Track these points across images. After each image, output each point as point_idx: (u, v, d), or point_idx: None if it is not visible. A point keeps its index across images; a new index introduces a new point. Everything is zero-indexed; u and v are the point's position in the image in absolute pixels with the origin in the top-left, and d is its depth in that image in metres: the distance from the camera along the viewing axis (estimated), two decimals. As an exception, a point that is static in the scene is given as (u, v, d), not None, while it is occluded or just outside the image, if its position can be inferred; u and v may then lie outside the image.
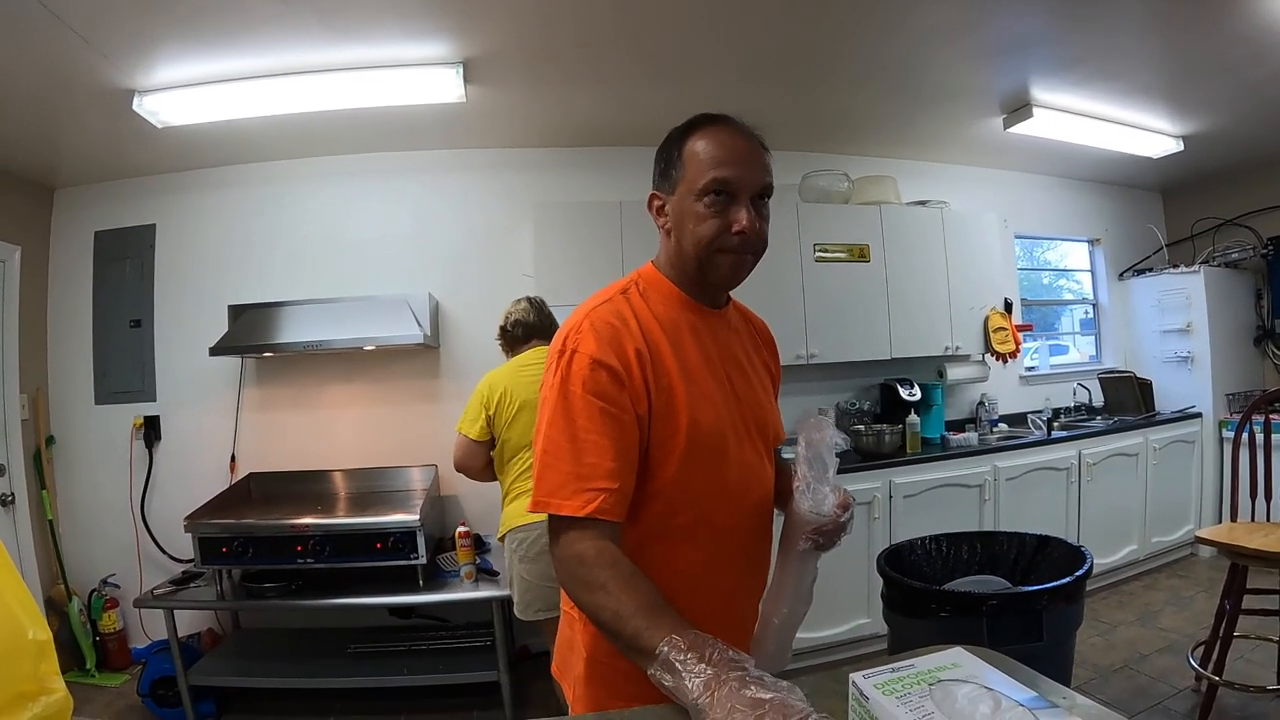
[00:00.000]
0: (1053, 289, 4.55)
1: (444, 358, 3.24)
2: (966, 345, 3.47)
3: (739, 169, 0.91)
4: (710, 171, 0.91)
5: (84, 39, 2.13)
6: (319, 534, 2.60)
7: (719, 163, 0.91)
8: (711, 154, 0.91)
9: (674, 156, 0.96)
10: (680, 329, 0.96)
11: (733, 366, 1.01)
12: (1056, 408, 3.95)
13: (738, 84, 2.80)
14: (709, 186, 0.91)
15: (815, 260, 3.15)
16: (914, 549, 2.24)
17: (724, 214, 0.91)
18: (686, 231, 0.94)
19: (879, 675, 0.70)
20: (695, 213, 0.92)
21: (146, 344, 3.26)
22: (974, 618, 1.77)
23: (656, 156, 1.00)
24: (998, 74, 2.88)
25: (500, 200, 3.27)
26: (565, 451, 0.85)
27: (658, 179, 1.00)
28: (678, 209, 0.95)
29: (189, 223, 3.27)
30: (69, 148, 2.97)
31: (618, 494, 0.84)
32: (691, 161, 0.93)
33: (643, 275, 1.02)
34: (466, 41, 2.35)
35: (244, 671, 2.73)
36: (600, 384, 0.86)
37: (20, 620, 0.65)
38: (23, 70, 2.28)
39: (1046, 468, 3.36)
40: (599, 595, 0.79)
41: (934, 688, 0.68)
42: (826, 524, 0.97)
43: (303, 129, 2.90)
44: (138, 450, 3.23)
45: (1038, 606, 1.75)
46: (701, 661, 0.67)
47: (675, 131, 0.98)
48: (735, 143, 0.93)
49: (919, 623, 1.90)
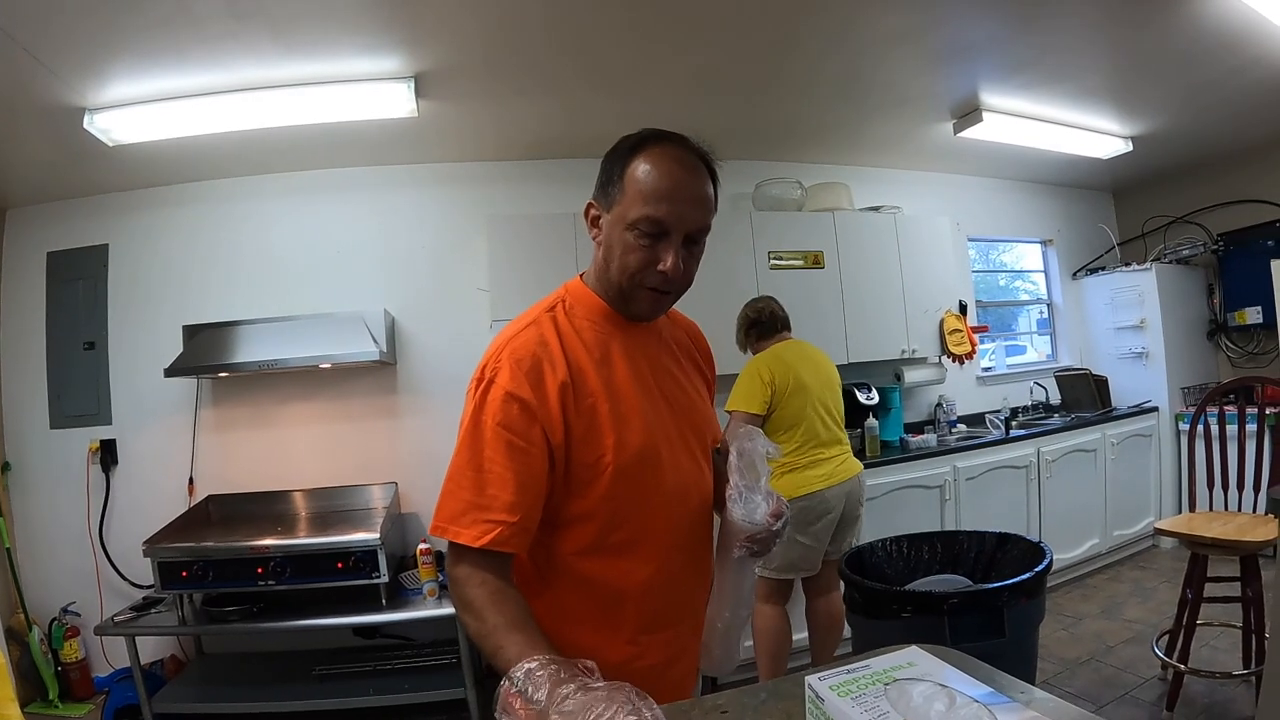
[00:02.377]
0: (1009, 290, 4.64)
1: (401, 374, 3.23)
2: (923, 348, 3.52)
3: (674, 208, 0.89)
4: (644, 207, 0.88)
5: (32, 55, 2.09)
6: (279, 555, 2.58)
7: (656, 198, 0.88)
8: (651, 186, 0.88)
9: (615, 174, 0.92)
10: (608, 347, 0.96)
11: (664, 377, 1.02)
12: (1015, 407, 4.01)
13: (687, 93, 2.83)
14: (639, 223, 0.89)
15: (770, 268, 3.18)
16: (875, 551, 2.29)
17: (653, 249, 0.90)
18: (614, 256, 0.93)
19: (834, 677, 0.71)
20: (624, 241, 0.91)
21: (101, 366, 3.21)
22: (936, 617, 1.81)
23: (603, 163, 0.97)
24: (947, 80, 2.94)
25: (454, 214, 3.27)
26: (469, 481, 0.86)
27: (598, 190, 0.97)
28: (609, 231, 0.94)
29: (142, 242, 3.23)
30: (19, 166, 2.92)
31: (515, 527, 0.85)
32: (630, 187, 0.90)
33: (570, 291, 1.01)
34: (418, 56, 2.36)
35: (209, 697, 2.70)
36: (511, 417, 0.86)
37: None
38: None
39: (1006, 466, 3.42)
40: (467, 614, 0.82)
41: (889, 687, 0.68)
42: (759, 532, 0.97)
43: (256, 145, 2.88)
44: (95, 475, 3.18)
45: (998, 603, 1.79)
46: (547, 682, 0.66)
47: (624, 144, 0.95)
48: (677, 176, 0.90)
49: (882, 624, 1.94)
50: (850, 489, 2.50)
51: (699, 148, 0.95)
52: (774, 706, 0.80)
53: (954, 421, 3.68)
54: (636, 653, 0.97)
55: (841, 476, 2.48)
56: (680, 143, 0.93)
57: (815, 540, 2.45)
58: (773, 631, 2.54)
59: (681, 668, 1.04)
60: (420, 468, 3.10)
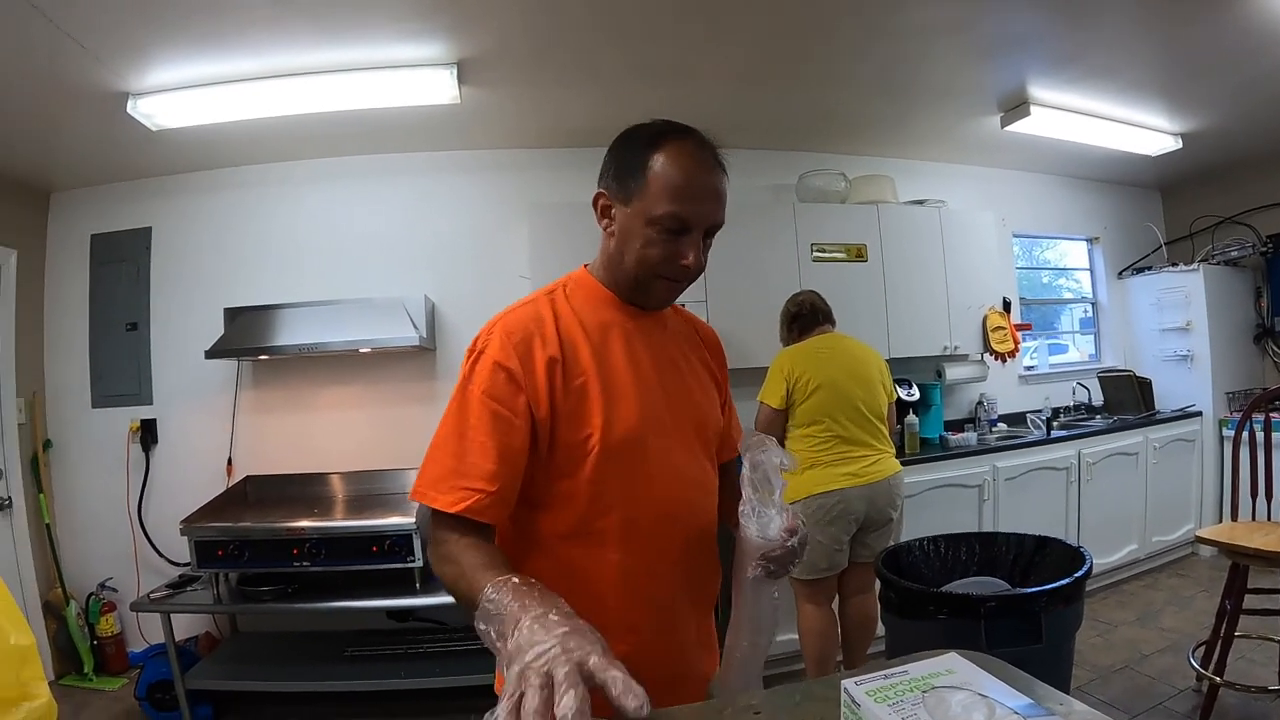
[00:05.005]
0: (1052, 288, 4.54)
1: (440, 360, 3.23)
2: (965, 345, 3.46)
3: (697, 206, 0.90)
4: (669, 205, 0.89)
5: (77, 42, 2.12)
6: (315, 537, 2.60)
7: (679, 196, 0.89)
8: (673, 183, 0.89)
9: (634, 166, 0.92)
10: (607, 330, 0.96)
11: (665, 367, 1.00)
12: (1056, 407, 3.93)
13: (731, 85, 2.80)
14: (663, 220, 0.90)
15: (813, 260, 3.14)
16: (912, 550, 2.22)
17: (673, 244, 0.91)
18: (632, 249, 0.93)
19: (871, 681, 0.69)
20: (645, 236, 0.91)
21: (143, 347, 3.26)
22: (972, 620, 1.75)
23: (612, 153, 0.97)
24: (994, 72, 2.87)
25: (495, 202, 3.26)
26: (451, 447, 0.87)
27: (610, 181, 0.96)
28: (627, 223, 0.94)
29: (185, 225, 3.27)
30: (64, 151, 2.97)
31: (493, 497, 0.84)
32: (653, 183, 0.90)
33: (573, 278, 1.02)
34: (460, 43, 2.35)
35: (241, 675, 2.72)
36: (497, 385, 0.87)
37: (2, 626, 0.63)
38: (16, 74, 2.28)
39: (1046, 467, 3.35)
40: (447, 565, 0.81)
41: (927, 695, 0.66)
42: (774, 549, 0.92)
43: (297, 131, 2.89)
44: (134, 454, 3.23)
45: (1036, 608, 1.73)
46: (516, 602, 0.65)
47: (639, 137, 0.94)
48: (699, 172, 0.91)
49: (917, 625, 1.89)
50: (879, 491, 2.41)
51: (711, 142, 0.95)
52: (809, 709, 0.77)
53: (994, 420, 3.62)
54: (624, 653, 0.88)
55: (870, 477, 2.40)
56: (696, 138, 0.94)
57: (834, 540, 2.38)
58: (817, 632, 2.49)
59: (685, 691, 0.98)
60: (457, 454, 3.10)
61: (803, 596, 2.48)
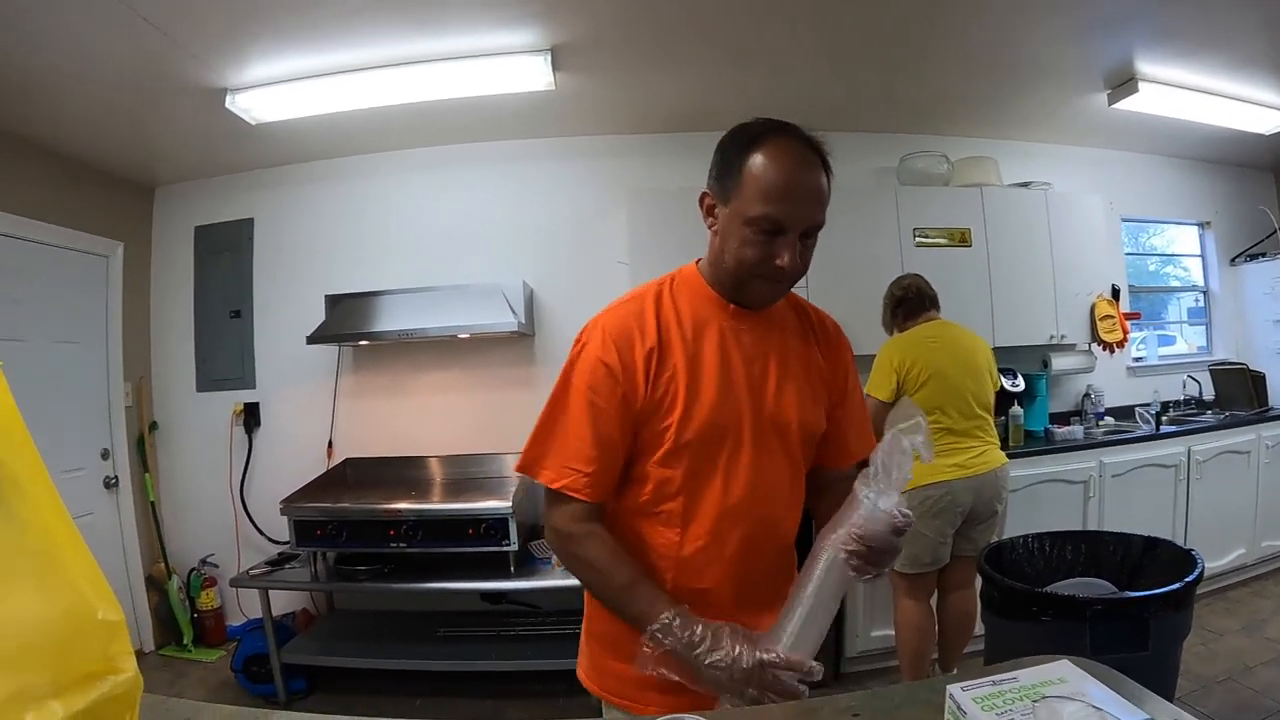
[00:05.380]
0: (1158, 275, 4.30)
1: (538, 345, 3.25)
2: (1072, 334, 3.29)
3: (792, 207, 0.90)
4: (763, 206, 0.89)
5: (173, 40, 2.18)
6: (412, 519, 2.64)
7: (774, 197, 0.89)
8: (769, 183, 0.89)
9: (733, 166, 0.93)
10: (704, 328, 0.99)
11: (761, 366, 1.01)
12: (1165, 401, 3.72)
13: (828, 67, 2.73)
14: (758, 221, 0.90)
15: (915, 245, 3.03)
16: (1015, 548, 2.15)
17: (769, 245, 0.91)
18: (730, 249, 0.95)
19: (978, 688, 0.68)
20: (741, 235, 0.92)
21: (246, 333, 3.37)
22: (1076, 623, 1.69)
23: (716, 152, 0.98)
24: (1099, 46, 2.72)
25: (592, 188, 3.26)
26: (555, 429, 0.97)
27: (713, 180, 0.97)
28: (726, 223, 0.95)
29: (285, 215, 3.36)
30: (167, 147, 3.08)
31: (591, 477, 0.94)
32: (749, 183, 0.90)
33: (681, 273, 1.05)
34: (554, 28, 2.33)
35: (335, 651, 2.80)
36: (598, 379, 0.95)
37: (90, 600, 0.64)
38: (118, 74, 2.37)
39: (1154, 464, 3.17)
40: (589, 571, 0.96)
41: (1038, 705, 0.65)
42: (878, 528, 0.84)
43: (393, 121, 2.93)
44: (237, 435, 3.34)
45: (1145, 613, 1.66)
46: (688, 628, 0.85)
47: (740, 136, 0.94)
48: (795, 173, 0.90)
49: (1018, 625, 1.83)
50: (985, 483, 2.35)
51: (813, 139, 0.94)
52: (909, 714, 0.76)
53: (1101, 413, 3.45)
54: None
55: (977, 469, 2.33)
56: (796, 136, 0.93)
57: (938, 533, 2.34)
58: (914, 628, 2.42)
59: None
60: (555, 439, 3.11)
61: (902, 591, 2.42)
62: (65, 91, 2.46)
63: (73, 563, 0.64)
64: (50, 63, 2.25)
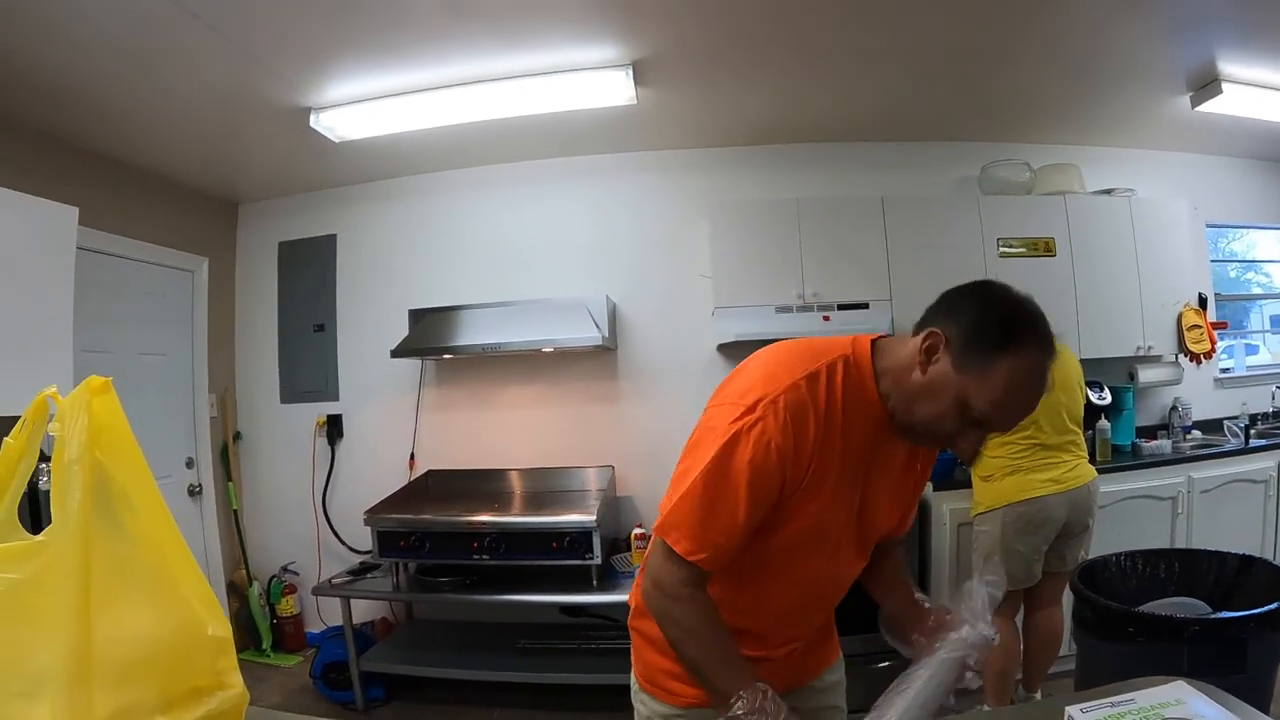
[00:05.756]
0: (1239, 282, 4.15)
1: (621, 359, 3.28)
2: (1159, 345, 3.20)
3: (1009, 419, 0.90)
4: (989, 409, 0.88)
5: (261, 63, 2.28)
6: (495, 531, 2.67)
7: (1001, 407, 0.88)
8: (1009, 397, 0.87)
9: (982, 349, 0.88)
10: (858, 431, 0.96)
11: (881, 480, 1.02)
12: (1253, 413, 3.60)
13: (907, 76, 2.72)
14: (974, 412, 0.89)
15: (999, 256, 2.99)
16: (1108, 566, 2.12)
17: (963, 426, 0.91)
18: (929, 408, 0.92)
19: (1097, 710, 0.69)
20: (948, 409, 0.90)
21: (329, 347, 3.47)
22: (1172, 643, 1.66)
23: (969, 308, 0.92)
24: (1180, 47, 2.65)
25: (673, 202, 3.28)
26: (707, 500, 0.91)
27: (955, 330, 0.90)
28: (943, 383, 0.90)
29: (368, 231, 3.46)
30: (251, 165, 3.20)
31: (726, 554, 0.93)
32: (990, 381, 0.87)
33: (857, 359, 0.97)
34: (634, 43, 2.36)
35: (414, 660, 2.84)
36: (767, 464, 0.90)
37: (200, 616, 0.66)
38: (205, 97, 2.47)
39: (1244, 479, 3.06)
40: (686, 637, 0.95)
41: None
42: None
43: (474, 138, 2.99)
44: (320, 447, 3.44)
45: (1243, 634, 1.62)
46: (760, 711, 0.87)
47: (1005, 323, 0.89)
48: (1030, 398, 0.89)
49: (1111, 646, 1.80)
50: (1078, 497, 2.31)
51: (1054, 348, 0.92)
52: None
53: (1189, 427, 3.34)
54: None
55: (1071, 483, 2.29)
56: (1048, 350, 0.90)
57: (1033, 549, 2.30)
58: (1001, 648, 2.35)
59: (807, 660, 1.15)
60: (638, 452, 3.14)
61: None
62: (160, 115, 2.58)
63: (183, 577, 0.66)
64: (149, 88, 2.36)
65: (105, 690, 0.59)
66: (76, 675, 0.57)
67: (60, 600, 0.58)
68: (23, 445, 0.66)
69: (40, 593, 0.59)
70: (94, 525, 0.60)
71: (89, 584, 0.59)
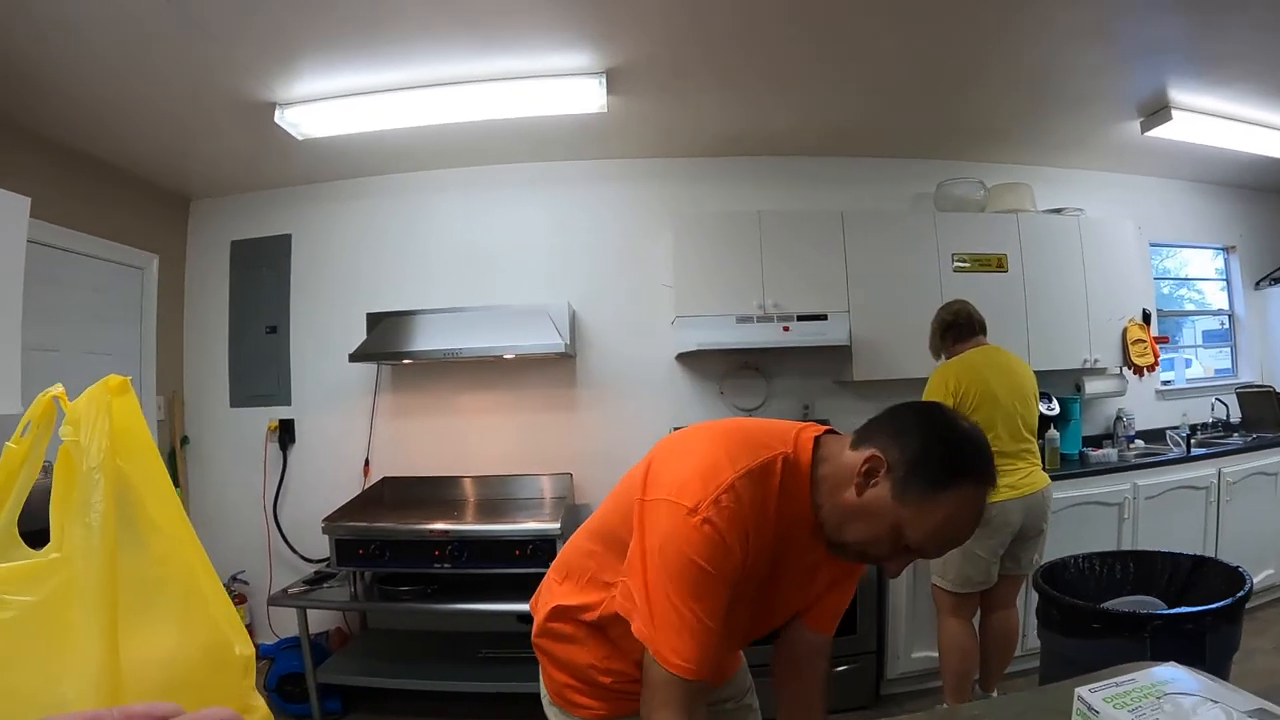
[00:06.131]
0: (1172, 299, 4.34)
1: (581, 367, 3.26)
2: (1105, 358, 3.33)
3: (943, 549, 0.90)
4: (924, 543, 0.88)
5: (229, 53, 2.19)
6: (457, 539, 2.62)
7: (937, 539, 0.88)
8: (942, 533, 0.87)
9: (927, 481, 0.86)
10: (786, 544, 0.96)
11: (803, 579, 1.04)
12: (1193, 424, 3.76)
13: (870, 94, 2.79)
14: (909, 542, 0.88)
15: (954, 271, 3.06)
16: (1068, 567, 2.20)
17: (896, 555, 0.91)
18: (862, 529, 0.90)
19: (1104, 690, 0.74)
20: (882, 534, 0.89)
21: (282, 350, 3.37)
22: (1134, 638, 1.73)
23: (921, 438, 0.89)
24: (1136, 76, 2.78)
25: (637, 211, 3.28)
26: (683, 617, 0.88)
27: (897, 457, 0.88)
28: (880, 507, 0.88)
29: (325, 232, 3.37)
30: (207, 160, 3.08)
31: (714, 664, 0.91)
32: (928, 514, 0.86)
33: (797, 457, 0.94)
34: (610, 51, 2.36)
35: (372, 671, 2.77)
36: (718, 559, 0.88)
37: (227, 635, 0.63)
38: (166, 83, 2.36)
39: (1186, 486, 3.20)
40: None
41: (1163, 700, 0.71)
42: None
43: (442, 140, 2.95)
44: (272, 452, 3.33)
45: (1201, 628, 1.70)
46: None
47: (951, 459, 0.87)
48: (963, 530, 0.89)
49: (1075, 642, 1.87)
50: (1033, 503, 2.40)
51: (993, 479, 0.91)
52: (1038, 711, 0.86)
53: (1132, 436, 3.47)
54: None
55: (1026, 489, 2.38)
56: (990, 481, 0.89)
57: (991, 553, 2.37)
58: (958, 649, 2.44)
59: None
60: (596, 460, 3.13)
61: (948, 610, 2.44)
62: (118, 101, 2.45)
63: (211, 594, 0.63)
64: (99, 70, 2.25)
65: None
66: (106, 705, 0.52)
67: (86, 622, 0.53)
68: (25, 451, 0.60)
69: (60, 615, 0.53)
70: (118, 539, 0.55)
71: (115, 604, 0.54)
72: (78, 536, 0.54)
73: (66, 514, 0.58)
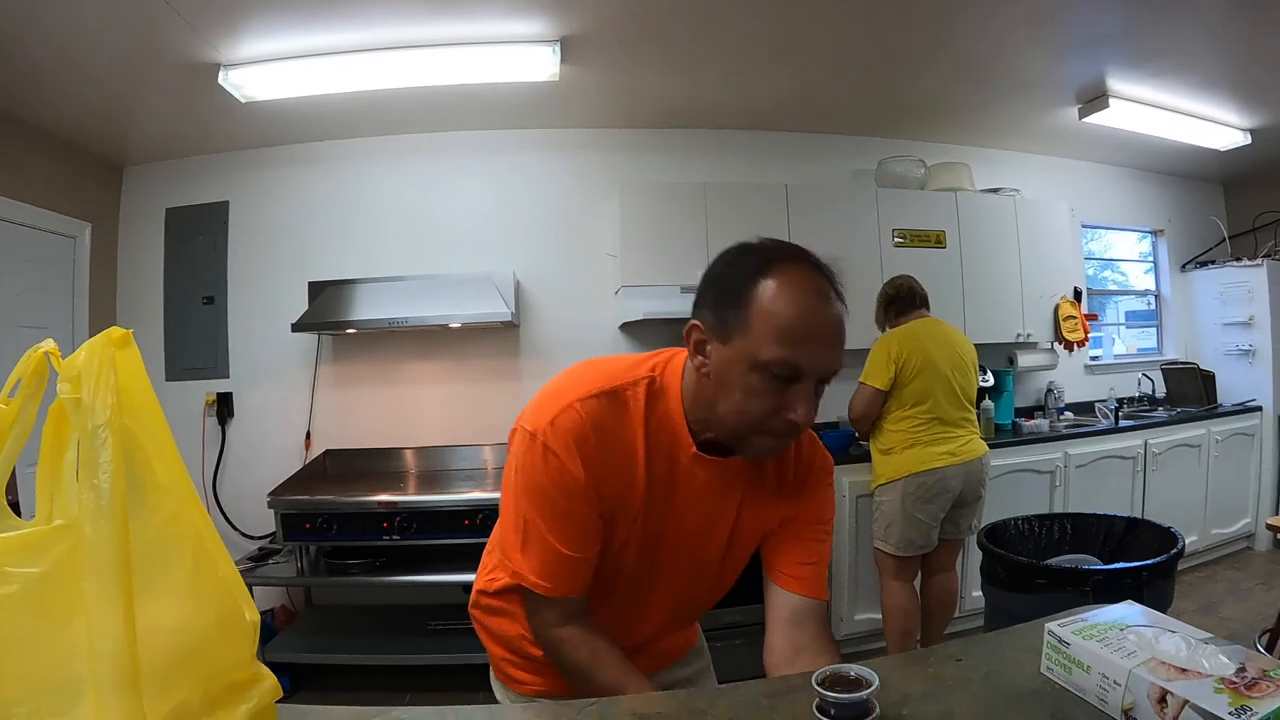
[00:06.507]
0: (1097, 280, 4.52)
1: (524, 336, 3.24)
2: (1037, 333, 3.46)
3: (813, 351, 0.76)
4: (779, 349, 0.75)
5: (169, 7, 2.08)
6: (406, 511, 2.59)
7: (794, 339, 0.75)
8: (787, 320, 0.75)
9: (736, 297, 0.78)
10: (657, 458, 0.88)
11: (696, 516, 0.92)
12: (1120, 397, 3.94)
13: (818, 70, 2.82)
14: (771, 365, 0.76)
15: (894, 246, 3.14)
16: (1008, 528, 2.33)
17: (782, 395, 0.78)
18: (730, 399, 0.80)
19: (1071, 624, 0.80)
20: (747, 384, 0.78)
21: (220, 321, 3.27)
22: (1076, 592, 1.84)
23: (709, 277, 0.84)
24: (1076, 65, 2.88)
25: (583, 180, 3.26)
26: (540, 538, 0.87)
27: (705, 312, 0.82)
28: (725, 366, 0.80)
29: (265, 199, 3.27)
30: (142, 124, 2.95)
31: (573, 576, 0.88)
32: (760, 320, 0.76)
33: (666, 381, 0.89)
34: (564, 18, 2.33)
35: (320, 648, 2.74)
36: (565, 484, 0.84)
37: (237, 601, 0.59)
38: (107, 42, 2.25)
39: (1114, 456, 3.36)
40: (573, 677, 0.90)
41: (1126, 631, 0.77)
42: None
43: (389, 105, 2.88)
44: (210, 427, 3.24)
45: (1138, 583, 1.81)
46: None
47: (744, 261, 0.80)
48: (817, 310, 0.77)
49: (1019, 598, 1.97)
50: (972, 469, 2.49)
51: (829, 269, 0.81)
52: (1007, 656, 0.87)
53: (1062, 409, 3.62)
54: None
55: (965, 456, 2.47)
56: (812, 265, 0.80)
57: (931, 518, 2.47)
58: (901, 610, 2.54)
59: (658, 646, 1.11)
60: (541, 430, 3.10)
61: (890, 573, 2.53)
62: (47, 60, 2.31)
63: (219, 557, 0.59)
64: (34, 29, 2.12)
65: (152, 695, 0.49)
66: (126, 681, 0.48)
67: (99, 593, 0.48)
68: (14, 412, 0.54)
69: (68, 587, 0.49)
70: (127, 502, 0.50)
71: (130, 572, 0.49)
72: (86, 500, 0.49)
73: (58, 478, 0.54)
